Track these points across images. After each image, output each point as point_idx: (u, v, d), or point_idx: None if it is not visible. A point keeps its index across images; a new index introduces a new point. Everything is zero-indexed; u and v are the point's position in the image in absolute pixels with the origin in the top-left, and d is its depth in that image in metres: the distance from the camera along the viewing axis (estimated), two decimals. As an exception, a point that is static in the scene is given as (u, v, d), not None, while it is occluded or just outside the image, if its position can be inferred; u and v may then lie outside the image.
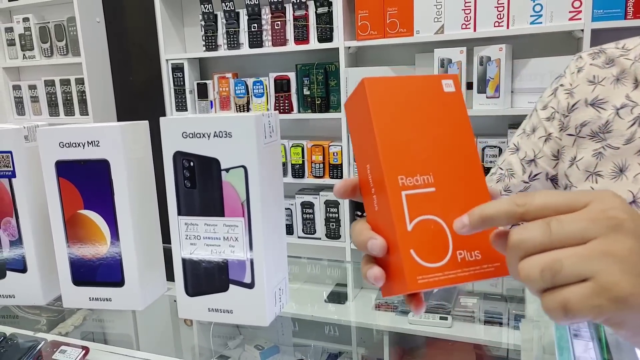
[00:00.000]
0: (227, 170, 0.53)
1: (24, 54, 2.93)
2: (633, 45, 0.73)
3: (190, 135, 0.53)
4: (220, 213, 0.54)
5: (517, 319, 1.14)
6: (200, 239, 0.55)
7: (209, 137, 0.53)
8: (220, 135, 0.52)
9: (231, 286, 0.55)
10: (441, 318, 1.89)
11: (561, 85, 0.77)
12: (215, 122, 0.52)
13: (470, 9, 1.96)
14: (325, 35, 2.21)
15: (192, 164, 0.54)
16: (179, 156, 0.54)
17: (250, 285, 0.54)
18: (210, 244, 0.54)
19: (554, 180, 0.78)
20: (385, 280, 0.41)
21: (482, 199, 0.41)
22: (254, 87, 2.39)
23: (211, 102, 2.52)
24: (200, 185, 0.54)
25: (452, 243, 0.40)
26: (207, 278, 0.55)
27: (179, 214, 0.55)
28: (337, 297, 1.23)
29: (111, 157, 0.57)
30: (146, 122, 0.63)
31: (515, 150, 0.82)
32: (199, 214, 0.54)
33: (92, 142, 0.58)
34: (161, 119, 0.54)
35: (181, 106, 2.53)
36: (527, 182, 0.79)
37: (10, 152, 0.61)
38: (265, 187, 0.53)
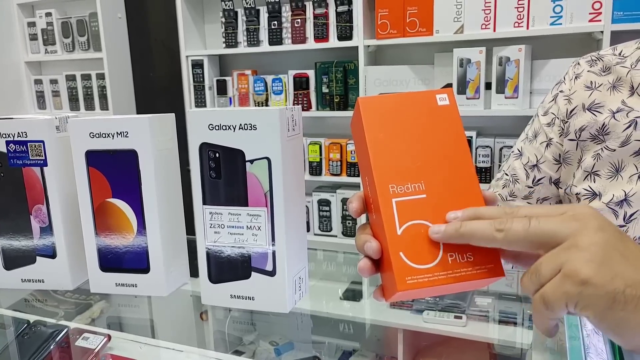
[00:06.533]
0: (251, 161, 0.54)
1: (45, 49, 2.99)
2: (629, 52, 0.74)
3: (217, 127, 0.55)
4: (244, 203, 0.55)
5: (532, 319, 1.14)
6: (224, 227, 0.56)
7: (234, 129, 0.54)
8: (245, 128, 0.54)
9: (253, 274, 0.56)
10: (456, 317, 1.89)
11: (561, 91, 0.79)
12: (241, 115, 0.54)
13: (490, 9, 1.96)
14: (345, 33, 2.22)
15: (217, 155, 0.55)
16: (205, 147, 0.56)
17: (271, 273, 0.56)
18: (233, 233, 0.56)
19: (557, 183, 0.79)
20: (384, 284, 0.44)
21: (474, 204, 0.43)
22: (273, 84, 2.41)
23: (230, 98, 2.54)
24: (225, 176, 0.56)
25: (443, 246, 0.42)
26: (230, 265, 0.57)
27: (204, 203, 0.57)
28: (353, 294, 1.24)
29: (139, 147, 0.59)
30: (172, 114, 0.65)
31: (519, 155, 0.83)
32: (223, 204, 0.56)
33: (121, 132, 0.60)
34: (188, 111, 0.56)
35: (200, 102, 2.56)
36: (532, 187, 0.81)
37: (43, 142, 0.64)
38: (287, 178, 0.55)
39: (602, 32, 1.83)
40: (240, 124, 0.54)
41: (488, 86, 2.03)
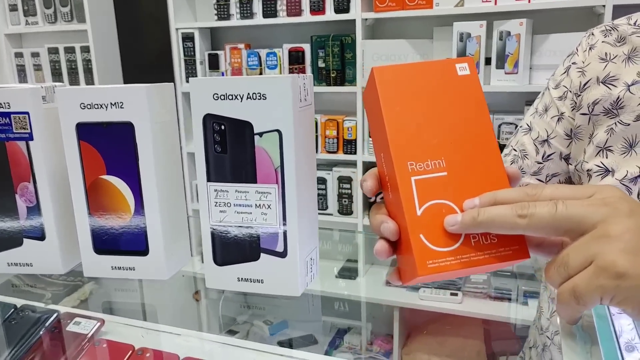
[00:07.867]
0: (260, 134, 0.50)
1: (26, 20, 2.87)
2: None
3: (222, 97, 0.50)
4: (253, 179, 0.51)
5: (526, 295, 1.14)
6: (231, 206, 0.52)
7: (241, 99, 0.50)
8: (254, 97, 0.49)
9: (262, 255, 0.52)
10: (452, 294, 1.89)
11: (573, 63, 0.76)
12: (249, 83, 0.49)
13: (491, -19, 1.90)
14: (342, 5, 2.16)
15: (223, 127, 0.51)
16: (210, 119, 0.51)
17: (282, 254, 0.52)
18: (241, 212, 0.52)
19: (567, 159, 0.77)
20: (401, 266, 0.42)
21: (498, 182, 0.41)
22: (267, 58, 2.34)
23: (222, 73, 2.47)
24: (232, 150, 0.51)
25: None
26: (237, 247, 0.53)
27: (209, 180, 0.52)
28: (348, 272, 1.22)
29: (136, 119, 0.55)
30: (171, 84, 0.60)
31: (528, 130, 0.81)
32: (229, 181, 0.52)
33: (115, 103, 0.55)
34: (191, 79, 0.51)
35: (191, 77, 2.48)
36: (541, 163, 0.79)
37: (27, 113, 0.58)
38: (300, 152, 0.51)
39: (603, 6, 1.80)
40: (249, 94, 0.49)
41: (487, 61, 1.99)
